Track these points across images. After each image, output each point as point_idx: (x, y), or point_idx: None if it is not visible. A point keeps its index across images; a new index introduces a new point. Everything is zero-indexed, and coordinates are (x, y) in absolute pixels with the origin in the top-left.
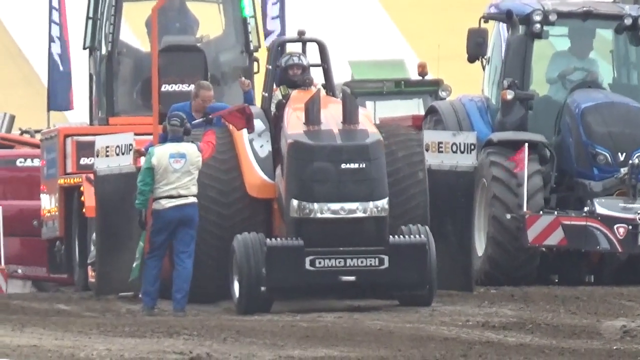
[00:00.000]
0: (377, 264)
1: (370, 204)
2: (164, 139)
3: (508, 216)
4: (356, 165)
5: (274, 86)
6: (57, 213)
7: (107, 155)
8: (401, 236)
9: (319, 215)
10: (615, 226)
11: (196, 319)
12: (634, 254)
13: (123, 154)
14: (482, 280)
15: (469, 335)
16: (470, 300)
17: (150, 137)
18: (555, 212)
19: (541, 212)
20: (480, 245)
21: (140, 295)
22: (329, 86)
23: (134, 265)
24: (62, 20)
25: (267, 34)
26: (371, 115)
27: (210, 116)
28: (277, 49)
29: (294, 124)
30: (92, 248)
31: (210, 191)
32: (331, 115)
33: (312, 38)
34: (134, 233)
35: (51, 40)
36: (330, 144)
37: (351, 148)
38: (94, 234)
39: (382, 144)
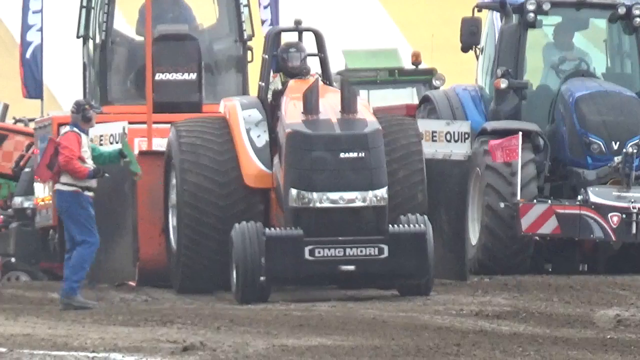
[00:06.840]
0: (376, 253)
1: (370, 193)
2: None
3: (502, 205)
4: (355, 155)
5: (272, 73)
6: (50, 202)
7: (100, 144)
8: (400, 225)
9: (318, 204)
10: (609, 215)
11: (190, 308)
12: (628, 242)
13: (117, 142)
14: (476, 269)
15: (463, 325)
16: (464, 289)
17: (144, 126)
18: (549, 201)
19: (535, 201)
20: (474, 234)
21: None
22: (326, 75)
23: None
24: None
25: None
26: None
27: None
28: (274, 38)
29: (292, 113)
30: None
31: (208, 182)
32: (329, 104)
33: (309, 27)
34: (127, 221)
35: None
36: (329, 133)
37: (350, 137)
38: None
39: (381, 133)
